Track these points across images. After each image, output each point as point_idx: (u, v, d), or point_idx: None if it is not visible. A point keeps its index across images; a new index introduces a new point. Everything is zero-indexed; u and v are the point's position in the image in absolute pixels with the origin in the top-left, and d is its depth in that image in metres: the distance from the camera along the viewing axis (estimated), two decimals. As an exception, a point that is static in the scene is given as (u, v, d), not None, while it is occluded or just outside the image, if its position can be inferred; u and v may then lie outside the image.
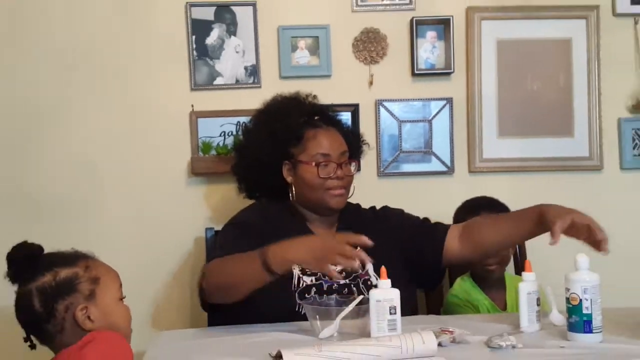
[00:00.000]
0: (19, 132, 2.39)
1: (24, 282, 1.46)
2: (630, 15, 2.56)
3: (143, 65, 2.44)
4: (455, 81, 2.53)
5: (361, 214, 2.06)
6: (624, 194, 2.55)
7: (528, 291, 1.59)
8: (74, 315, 1.43)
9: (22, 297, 1.46)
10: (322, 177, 1.91)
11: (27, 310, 1.44)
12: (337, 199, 1.93)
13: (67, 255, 1.51)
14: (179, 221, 2.40)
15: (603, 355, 1.37)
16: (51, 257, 1.49)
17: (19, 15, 2.38)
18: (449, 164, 2.52)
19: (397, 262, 1.88)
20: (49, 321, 1.43)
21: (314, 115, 2.02)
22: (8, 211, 2.36)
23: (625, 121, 2.56)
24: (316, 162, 1.93)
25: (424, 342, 1.38)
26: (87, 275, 1.47)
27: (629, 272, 2.26)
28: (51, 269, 1.45)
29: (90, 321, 1.43)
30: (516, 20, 2.53)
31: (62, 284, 1.44)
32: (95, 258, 1.54)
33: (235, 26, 2.46)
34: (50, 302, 1.42)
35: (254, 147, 2.04)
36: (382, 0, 2.50)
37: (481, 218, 2.02)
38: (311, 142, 1.96)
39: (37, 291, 1.43)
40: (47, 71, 2.40)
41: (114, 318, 1.48)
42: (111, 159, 2.40)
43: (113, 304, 1.50)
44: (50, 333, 1.44)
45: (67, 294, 1.44)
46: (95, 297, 1.46)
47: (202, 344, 1.56)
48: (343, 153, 1.97)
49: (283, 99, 2.09)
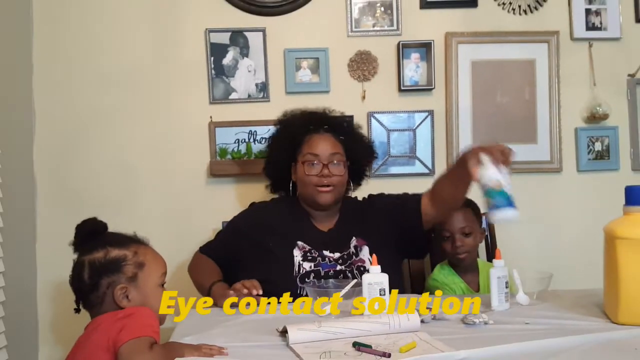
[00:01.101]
0: (70, 139, 2.40)
1: (82, 253, 1.46)
2: (586, 40, 2.56)
3: (170, 82, 2.44)
4: (436, 96, 2.53)
5: (356, 205, 2.06)
6: (581, 192, 2.55)
7: (498, 275, 1.59)
8: (113, 292, 1.41)
9: (76, 267, 1.45)
10: (307, 174, 1.91)
11: (77, 279, 1.44)
12: (323, 195, 1.91)
13: (123, 238, 1.49)
14: (199, 215, 2.40)
15: (558, 329, 1.36)
16: (109, 237, 1.48)
17: (74, 42, 2.41)
18: (430, 166, 2.52)
19: (383, 239, 1.90)
20: (92, 292, 1.42)
21: (315, 123, 2.02)
22: (56, 205, 2.37)
23: (581, 130, 2.56)
24: (304, 161, 1.93)
25: (409, 320, 1.38)
26: (134, 260, 1.45)
27: (582, 257, 2.27)
28: (105, 247, 1.44)
29: (127, 300, 1.42)
30: (488, 44, 2.53)
31: (110, 262, 1.43)
32: (148, 245, 1.52)
33: (247, 49, 2.46)
34: (96, 276, 1.41)
35: (272, 152, 2.08)
36: (373, 26, 2.50)
37: (436, 181, 1.96)
38: (305, 145, 1.97)
39: (88, 264, 1.43)
40: (95, 88, 2.41)
41: (151, 302, 1.45)
42: (144, 162, 2.41)
43: (153, 288, 1.47)
44: (92, 302, 1.43)
45: (112, 272, 1.42)
46: (137, 280, 1.44)
47: (220, 320, 1.56)
48: (333, 154, 1.94)
49: (295, 111, 2.09)
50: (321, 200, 1.92)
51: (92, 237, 1.46)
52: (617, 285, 1.41)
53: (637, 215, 1.43)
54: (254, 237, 1.93)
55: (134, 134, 2.42)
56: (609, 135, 2.56)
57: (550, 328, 1.39)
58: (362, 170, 2.12)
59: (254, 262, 1.89)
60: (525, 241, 2.43)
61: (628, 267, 1.40)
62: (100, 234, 1.48)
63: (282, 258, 1.85)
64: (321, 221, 1.98)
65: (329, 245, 1.90)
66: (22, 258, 2.26)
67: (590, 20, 2.56)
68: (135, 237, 1.52)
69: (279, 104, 2.42)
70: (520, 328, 1.40)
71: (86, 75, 2.41)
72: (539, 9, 2.55)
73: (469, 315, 1.46)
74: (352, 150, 2.03)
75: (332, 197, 1.93)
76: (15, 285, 2.11)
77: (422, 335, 1.33)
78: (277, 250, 1.88)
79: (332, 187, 1.92)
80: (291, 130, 2.02)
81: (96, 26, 2.42)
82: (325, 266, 1.84)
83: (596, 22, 2.56)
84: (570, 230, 2.49)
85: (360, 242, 1.91)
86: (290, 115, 2.09)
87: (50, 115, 2.40)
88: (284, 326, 1.34)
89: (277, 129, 2.11)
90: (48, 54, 2.40)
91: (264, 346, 1.31)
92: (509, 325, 1.42)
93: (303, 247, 1.88)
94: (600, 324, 1.42)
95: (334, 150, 1.95)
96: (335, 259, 1.87)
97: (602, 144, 2.56)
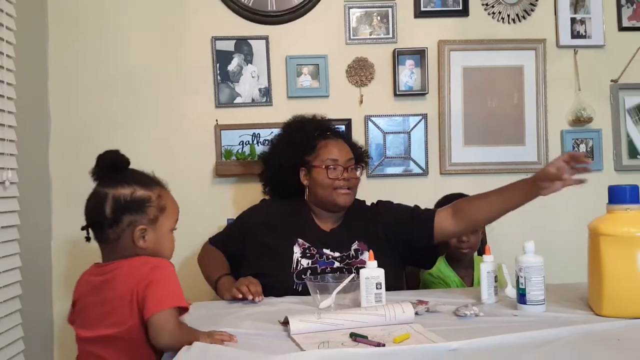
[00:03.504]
0: (83, 139, 2.38)
1: (104, 184, 1.36)
2: (571, 47, 2.56)
3: (179, 87, 2.44)
4: (429, 100, 2.52)
5: (362, 209, 2.02)
6: (566, 192, 2.51)
7: (487, 270, 1.59)
8: (133, 231, 1.34)
9: (97, 197, 1.36)
10: (331, 178, 1.89)
11: (97, 209, 1.34)
12: (344, 197, 1.90)
13: (148, 178, 1.41)
14: (206, 213, 2.39)
15: (545, 321, 1.36)
16: (135, 174, 1.40)
17: (87, 49, 2.41)
18: (424, 167, 2.52)
19: (387, 246, 1.88)
20: (111, 227, 1.34)
21: (325, 129, 2.01)
22: (75, 203, 2.34)
23: (567, 132, 2.56)
24: (326, 165, 1.91)
25: (404, 312, 1.38)
26: (157, 202, 1.38)
27: (568, 253, 2.26)
28: (131, 185, 1.35)
29: (143, 241, 1.35)
30: (478, 51, 2.52)
31: (135, 201, 1.35)
32: (167, 189, 1.44)
33: (251, 56, 2.45)
34: (119, 212, 1.33)
35: (278, 156, 2.02)
36: (370, 34, 2.50)
37: (468, 197, 1.94)
38: (323, 150, 1.94)
39: (112, 198, 1.34)
40: (107, 93, 2.41)
41: (163, 246, 1.39)
42: (153, 162, 2.29)
43: (167, 233, 1.40)
44: (109, 237, 1.34)
45: (135, 212, 1.34)
46: (156, 223, 1.37)
47: (225, 312, 1.56)
48: (349, 160, 1.94)
49: (301, 117, 2.07)
50: (341, 202, 1.90)
51: (114, 169, 1.37)
52: (601, 279, 1.42)
53: (620, 213, 1.43)
54: (258, 232, 1.93)
55: (144, 135, 2.41)
56: (593, 138, 2.56)
57: (537, 320, 1.39)
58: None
59: (255, 256, 1.88)
60: (514, 238, 2.42)
61: (611, 263, 1.40)
62: (123, 168, 1.39)
63: (281, 253, 1.84)
64: (325, 222, 1.96)
65: (330, 245, 1.88)
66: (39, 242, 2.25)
67: (575, 28, 2.56)
68: (157, 179, 1.44)
69: (281, 108, 2.43)
70: (508, 320, 1.40)
71: (98, 80, 2.41)
72: (527, 18, 2.55)
73: (461, 307, 1.46)
74: (357, 155, 2.03)
75: (350, 198, 1.93)
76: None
77: (416, 326, 1.33)
78: (277, 246, 1.87)
79: (351, 190, 1.92)
80: (301, 136, 1.98)
81: (108, 34, 2.42)
82: (322, 263, 1.83)
83: (581, 30, 2.56)
84: (556, 227, 2.49)
85: (362, 246, 1.88)
86: (298, 122, 2.06)
87: (64, 118, 2.40)
88: (286, 317, 1.34)
89: (283, 135, 2.07)
90: (62, 60, 2.40)
91: (267, 335, 1.32)
92: (498, 317, 1.42)
93: (303, 244, 1.87)
94: (585, 316, 1.42)
95: (350, 155, 1.95)
96: (334, 257, 1.86)
97: (586, 146, 2.56)
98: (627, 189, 1.44)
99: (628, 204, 1.43)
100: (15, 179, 1.98)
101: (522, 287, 1.47)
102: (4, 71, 1.94)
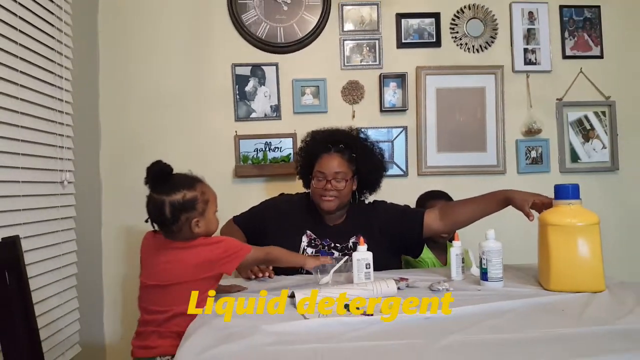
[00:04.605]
0: (127, 148, 2.37)
1: (160, 192, 1.41)
2: (524, 72, 2.55)
3: (205, 105, 2.43)
4: (409, 115, 2.51)
5: (361, 208, 1.96)
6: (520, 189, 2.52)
7: (456, 253, 1.60)
8: (190, 224, 1.40)
9: (157, 202, 1.41)
10: (315, 187, 1.87)
11: (158, 213, 1.40)
12: (326, 203, 1.85)
13: (190, 180, 1.45)
14: (226, 209, 2.31)
15: (503, 295, 1.37)
16: (180, 179, 1.44)
17: (131, 71, 2.40)
18: (405, 169, 2.51)
19: (383, 239, 1.84)
20: (172, 224, 1.40)
21: (331, 143, 1.91)
22: (117, 201, 2.36)
23: (520, 141, 2.55)
24: (315, 176, 1.88)
25: (388, 287, 1.39)
26: (202, 198, 1.44)
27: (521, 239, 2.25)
28: (180, 190, 1.41)
29: (198, 227, 1.41)
30: (449, 75, 2.52)
31: (187, 202, 1.40)
32: (204, 182, 1.49)
33: (264, 79, 2.45)
34: (177, 214, 1.39)
35: (300, 163, 2.00)
36: (361, 62, 2.49)
37: (453, 204, 1.92)
38: (317, 162, 1.89)
39: (169, 203, 1.39)
40: (147, 108, 2.40)
41: (212, 226, 1.46)
42: (184, 166, 2.31)
43: (213, 216, 1.47)
44: (171, 230, 1.41)
45: (188, 210, 1.40)
46: (205, 213, 1.43)
47: (245, 285, 1.56)
48: (337, 173, 1.84)
49: (318, 131, 1.99)
50: (324, 207, 1.86)
51: (162, 176, 1.42)
52: (548, 261, 1.42)
53: (564, 207, 1.44)
54: (273, 220, 1.90)
55: (178, 144, 2.40)
56: (542, 146, 2.55)
57: (497, 294, 1.39)
58: (373, 181, 1.97)
59: (269, 240, 1.86)
60: (478, 226, 2.42)
61: (557, 247, 1.41)
62: (168, 174, 1.42)
63: (291, 241, 1.82)
64: (330, 219, 1.92)
65: (332, 237, 1.86)
66: (90, 242, 2.25)
67: (528, 57, 2.56)
68: (196, 176, 1.48)
69: (288, 121, 2.43)
70: (473, 294, 1.40)
71: (140, 98, 2.40)
72: (488, 48, 2.55)
73: (435, 283, 1.46)
74: (363, 164, 1.91)
75: (333, 204, 1.85)
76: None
77: (397, 299, 1.32)
78: (288, 234, 1.85)
79: (334, 197, 1.84)
80: (309, 150, 1.95)
81: (148, 59, 2.41)
82: (324, 253, 1.81)
83: (532, 58, 2.56)
84: (512, 219, 2.46)
85: (360, 239, 1.85)
86: (313, 135, 1.98)
87: (111, 130, 2.39)
88: (292, 291, 1.35)
89: (303, 146, 2.00)
90: (110, 82, 2.39)
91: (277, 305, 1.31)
92: (465, 292, 1.43)
93: (310, 236, 1.85)
94: (536, 291, 1.42)
95: (338, 169, 1.84)
96: (335, 248, 1.85)
97: (536, 152, 2.56)
98: (569, 187, 1.44)
99: (570, 200, 1.43)
100: (72, 179, 1.98)
101: (484, 267, 1.47)
102: (63, 91, 1.94)
